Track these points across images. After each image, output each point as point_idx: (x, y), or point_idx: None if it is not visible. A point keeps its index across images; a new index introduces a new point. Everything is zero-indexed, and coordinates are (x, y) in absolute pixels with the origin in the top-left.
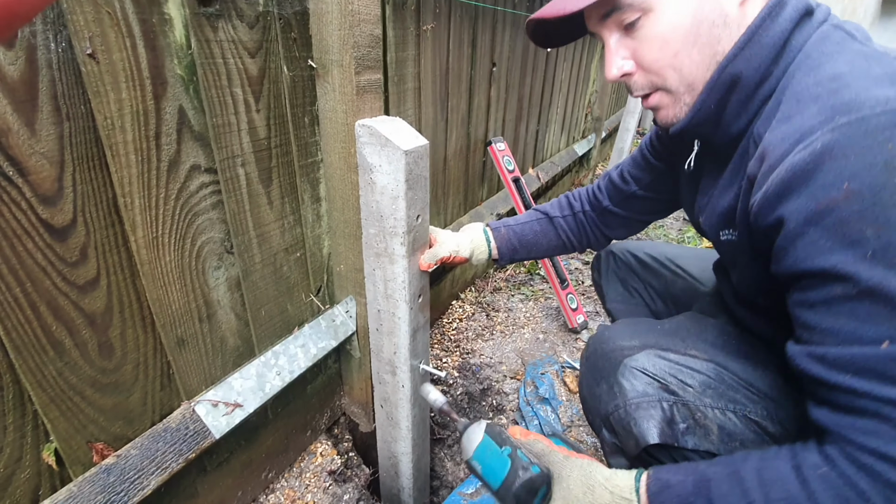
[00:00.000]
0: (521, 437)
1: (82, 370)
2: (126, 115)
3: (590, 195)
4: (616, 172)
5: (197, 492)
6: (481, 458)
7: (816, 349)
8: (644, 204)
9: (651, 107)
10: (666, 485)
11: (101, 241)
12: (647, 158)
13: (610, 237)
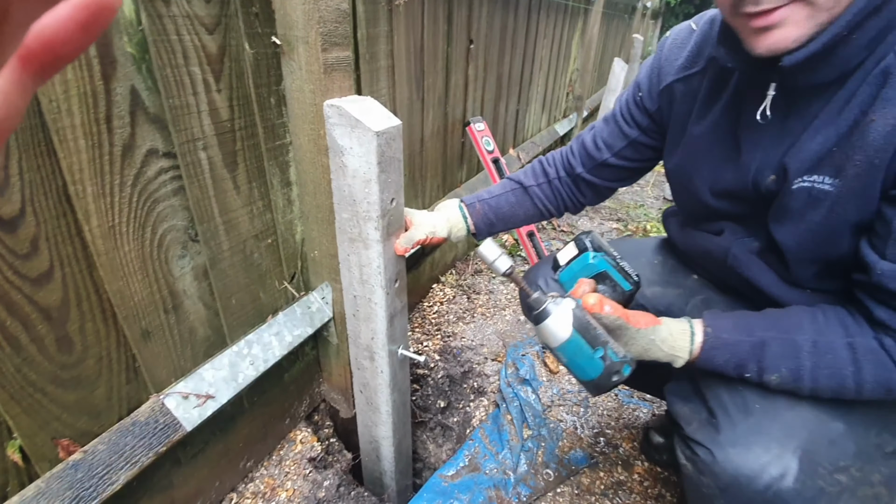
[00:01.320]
0: (599, 310)
1: (41, 366)
2: (73, 97)
3: (564, 160)
4: (589, 137)
5: (172, 484)
6: (569, 355)
7: None
8: (615, 171)
9: (769, 24)
10: (723, 343)
11: (52, 231)
12: (619, 126)
13: (583, 203)
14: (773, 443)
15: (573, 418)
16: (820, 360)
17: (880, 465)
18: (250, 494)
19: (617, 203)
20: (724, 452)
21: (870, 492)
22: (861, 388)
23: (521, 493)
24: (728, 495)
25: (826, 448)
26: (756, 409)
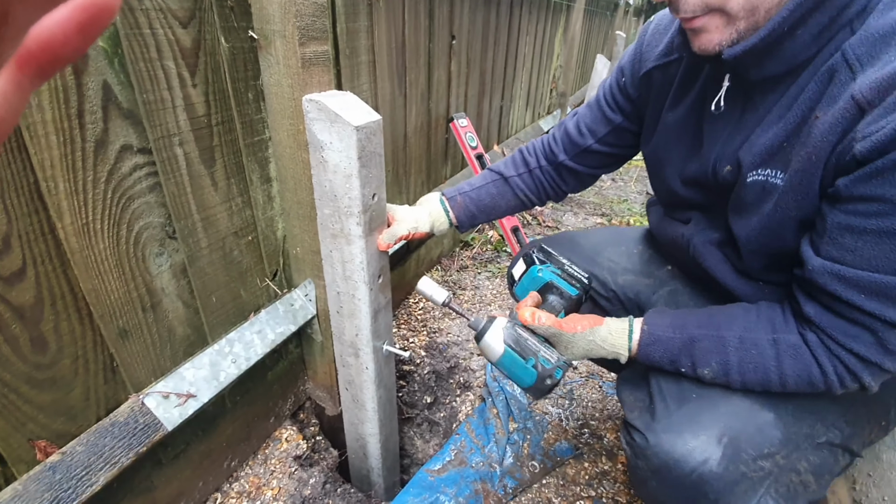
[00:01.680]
0: (533, 322)
1: (15, 366)
2: (43, 92)
3: (545, 148)
4: (572, 124)
5: (153, 485)
6: (507, 367)
7: (844, 270)
8: (599, 158)
9: (694, 28)
10: (657, 340)
11: (24, 228)
12: (603, 111)
13: (566, 191)
14: (701, 430)
15: (558, 411)
16: (745, 356)
17: (809, 455)
18: (235, 494)
19: (601, 198)
20: (657, 438)
21: (796, 479)
22: (784, 382)
23: (508, 485)
24: (659, 478)
25: (752, 436)
26: (692, 399)
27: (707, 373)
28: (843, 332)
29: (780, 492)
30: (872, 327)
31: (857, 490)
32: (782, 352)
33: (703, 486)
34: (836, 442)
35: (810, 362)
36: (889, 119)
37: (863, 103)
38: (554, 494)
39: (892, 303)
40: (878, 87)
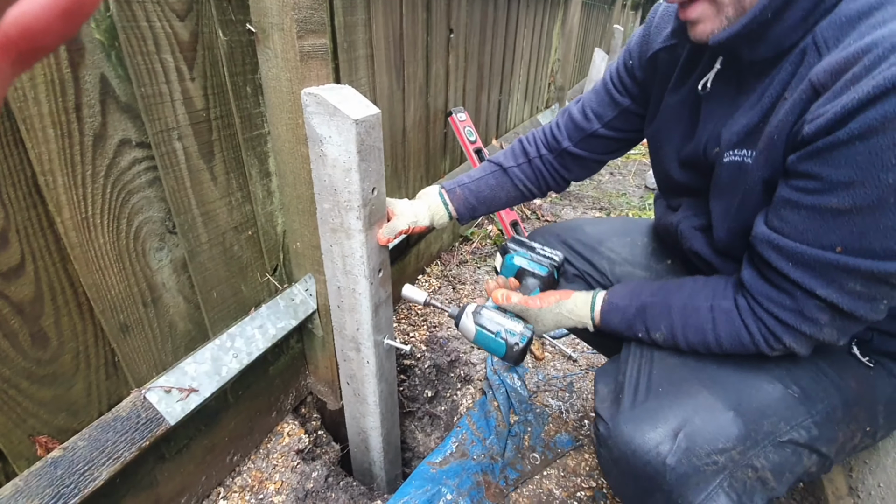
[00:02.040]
0: (504, 302)
1: (15, 362)
2: (39, 84)
3: (547, 136)
4: (577, 109)
5: (156, 480)
6: (481, 342)
7: (780, 240)
8: (605, 143)
9: (689, 18)
10: (615, 307)
11: (22, 223)
12: (611, 94)
13: (569, 180)
14: (660, 422)
15: (558, 403)
16: (687, 320)
17: (769, 452)
18: (238, 488)
19: (599, 192)
20: (618, 428)
21: (753, 475)
22: (720, 344)
23: (509, 476)
24: (619, 467)
25: (708, 430)
26: (659, 393)
27: (659, 336)
28: (767, 298)
29: (734, 486)
30: (793, 294)
31: (853, 477)
32: (717, 317)
33: (656, 477)
34: (800, 441)
35: (739, 326)
36: (835, 103)
37: (818, 86)
38: (555, 485)
39: (814, 274)
40: (832, 71)
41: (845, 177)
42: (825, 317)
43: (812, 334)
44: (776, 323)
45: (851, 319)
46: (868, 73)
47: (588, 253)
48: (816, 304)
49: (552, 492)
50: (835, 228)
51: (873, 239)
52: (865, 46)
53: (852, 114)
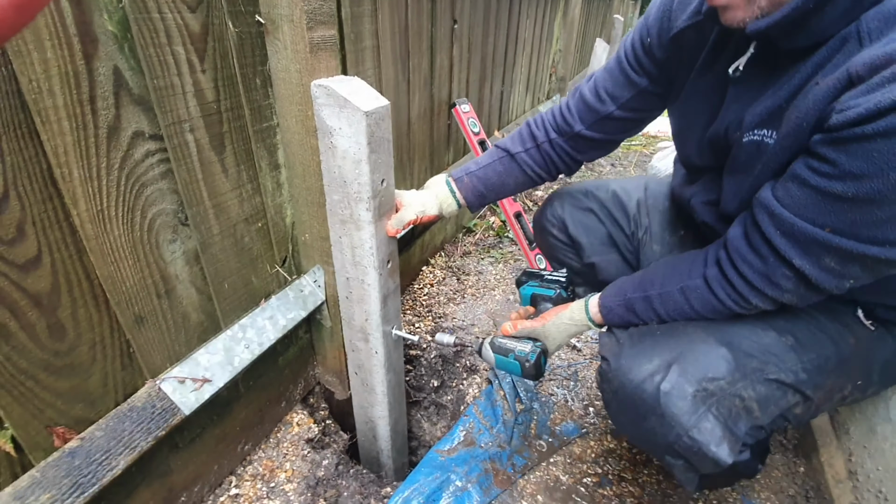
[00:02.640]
0: (512, 329)
1: (32, 353)
2: (54, 76)
3: (557, 119)
4: (589, 90)
5: (170, 469)
6: (501, 366)
7: (778, 208)
8: (620, 124)
9: (717, 4)
10: (609, 309)
11: (39, 215)
12: (627, 74)
13: (581, 161)
14: (655, 356)
15: (564, 392)
16: (667, 306)
17: (756, 385)
18: (249, 477)
19: None
20: (618, 362)
21: (739, 403)
22: (701, 316)
23: (516, 464)
24: (618, 398)
25: (700, 362)
26: (656, 334)
27: (655, 322)
28: (742, 258)
29: (721, 412)
30: (767, 259)
31: (852, 461)
32: (689, 295)
33: (651, 402)
34: (786, 381)
35: (709, 296)
36: (868, 97)
37: (854, 77)
38: (561, 472)
39: (797, 245)
40: (871, 65)
41: (858, 169)
42: (789, 284)
43: (774, 297)
44: (744, 284)
45: (815, 290)
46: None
47: (618, 211)
48: (785, 272)
49: (559, 478)
50: (831, 212)
51: (862, 227)
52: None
53: (883, 113)
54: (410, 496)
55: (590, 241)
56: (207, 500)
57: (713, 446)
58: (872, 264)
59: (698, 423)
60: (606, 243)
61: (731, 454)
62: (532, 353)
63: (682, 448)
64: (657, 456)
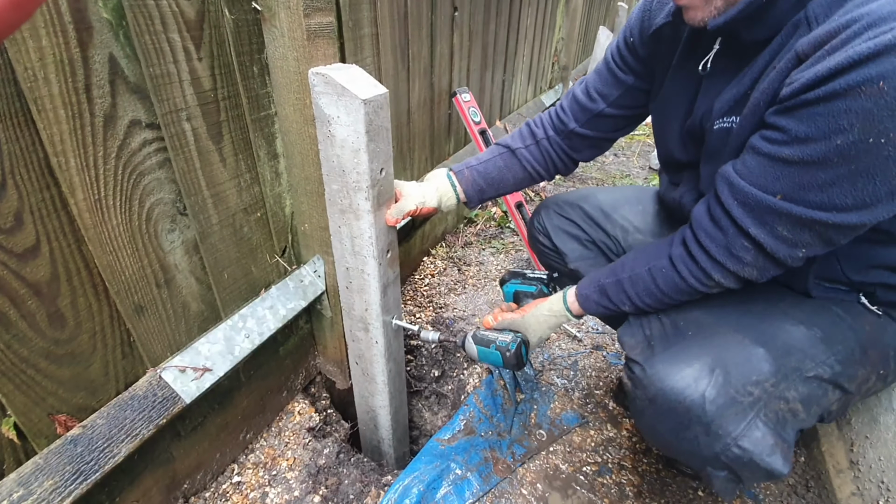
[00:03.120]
0: (494, 321)
1: (33, 342)
2: (49, 64)
3: (553, 119)
4: (581, 90)
5: (173, 456)
6: (483, 358)
7: (735, 178)
8: (612, 122)
9: (680, 4)
10: (585, 297)
11: (36, 204)
12: (614, 73)
13: (577, 160)
14: (694, 360)
15: (563, 381)
16: (636, 288)
17: (798, 385)
18: (251, 465)
19: (603, 173)
20: (654, 368)
21: (784, 406)
22: (668, 294)
23: (516, 452)
24: (654, 406)
25: (742, 365)
26: (688, 336)
27: (628, 308)
28: (705, 232)
29: (769, 417)
30: (727, 232)
31: (853, 451)
32: (655, 275)
33: (695, 410)
34: (824, 377)
35: (673, 275)
36: (811, 69)
37: (801, 55)
38: (561, 461)
39: (752, 214)
40: (814, 42)
41: (804, 133)
42: (749, 256)
43: (736, 271)
44: (706, 258)
45: (772, 261)
46: (843, 45)
47: (602, 220)
48: (744, 243)
49: (559, 467)
50: (781, 177)
51: (809, 191)
52: (847, 21)
53: (823, 80)
54: (411, 484)
55: (571, 248)
56: (210, 487)
57: (766, 456)
58: (821, 230)
59: (748, 431)
60: (589, 249)
61: (785, 464)
62: (513, 342)
63: (729, 458)
64: (696, 467)
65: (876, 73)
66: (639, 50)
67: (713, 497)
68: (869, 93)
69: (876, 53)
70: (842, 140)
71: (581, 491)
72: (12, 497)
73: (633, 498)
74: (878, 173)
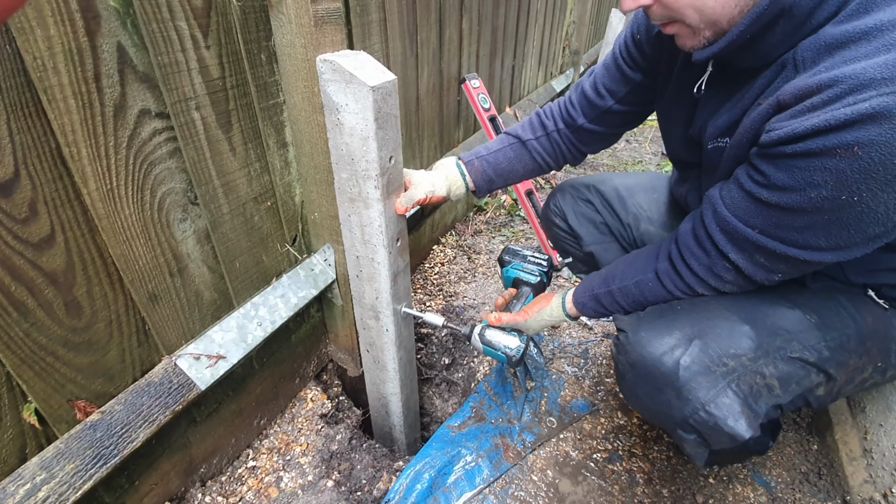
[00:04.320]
0: (497, 322)
1: (51, 330)
2: (57, 54)
3: (562, 111)
4: (589, 85)
5: (189, 442)
6: (489, 355)
7: (720, 206)
8: (620, 117)
9: (668, 33)
10: (582, 304)
11: (50, 195)
12: (622, 69)
13: (585, 153)
14: (676, 330)
15: (574, 369)
16: (627, 298)
17: (778, 363)
18: (266, 450)
19: (615, 160)
20: (637, 335)
21: (760, 381)
22: (655, 302)
23: (526, 439)
24: (634, 370)
25: (722, 339)
26: (678, 310)
27: (622, 313)
28: (689, 251)
29: (741, 388)
30: (710, 253)
31: (867, 439)
32: (643, 288)
33: (669, 375)
34: (809, 360)
35: (660, 289)
36: (792, 122)
37: (783, 103)
38: (571, 448)
39: (732, 241)
40: (796, 94)
41: (782, 182)
42: (730, 276)
43: (717, 287)
44: (690, 274)
45: (750, 282)
46: (824, 106)
47: (617, 205)
48: (725, 265)
49: (569, 454)
50: (759, 215)
51: (785, 230)
52: (830, 80)
53: (801, 138)
54: (422, 469)
55: (588, 231)
56: (226, 471)
57: (731, 421)
58: (797, 263)
59: (717, 397)
60: (604, 233)
61: (748, 429)
62: (518, 349)
63: (697, 422)
64: (668, 429)
65: (853, 139)
66: (645, 47)
67: (724, 483)
68: (844, 155)
69: (854, 121)
70: (816, 194)
71: (591, 478)
72: (35, 480)
73: (643, 485)
74: (851, 224)
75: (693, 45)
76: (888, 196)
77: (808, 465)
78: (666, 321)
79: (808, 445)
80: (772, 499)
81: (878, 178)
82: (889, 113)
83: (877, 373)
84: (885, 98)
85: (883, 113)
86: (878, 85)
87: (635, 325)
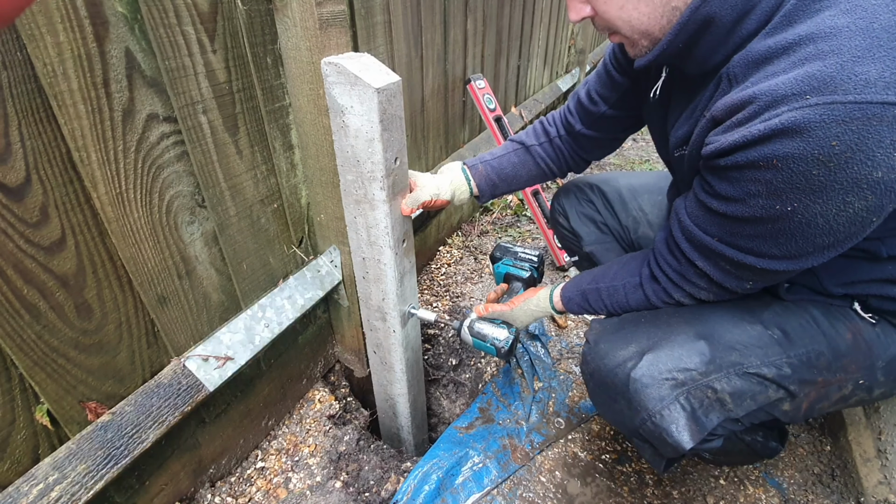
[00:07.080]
0: (485, 312)
1: (62, 332)
2: (67, 60)
3: (563, 118)
4: (584, 92)
5: (198, 443)
6: (478, 347)
7: (683, 216)
8: (616, 122)
9: (614, 42)
10: (569, 298)
11: (61, 199)
12: (611, 74)
13: (588, 160)
14: (632, 343)
15: None
16: (612, 299)
17: (732, 379)
18: (274, 451)
19: (622, 159)
20: (597, 347)
21: (712, 395)
22: (637, 308)
23: (534, 440)
24: (594, 379)
25: (675, 353)
26: (640, 322)
27: (604, 314)
28: (664, 259)
29: (690, 401)
30: (680, 260)
31: (881, 440)
32: (627, 291)
33: (621, 386)
34: (767, 376)
35: (640, 294)
36: (722, 137)
37: (716, 118)
38: (580, 448)
39: (697, 249)
40: (725, 109)
41: (724, 192)
42: (702, 283)
43: (692, 293)
44: (667, 281)
45: (723, 289)
46: (744, 123)
47: (618, 207)
48: (695, 271)
49: (577, 455)
50: (715, 224)
51: (739, 239)
52: (750, 96)
53: (729, 152)
54: (430, 470)
55: (588, 231)
56: (235, 472)
57: (674, 431)
58: (758, 272)
59: (663, 409)
60: (605, 234)
61: (690, 441)
62: (507, 340)
63: (646, 432)
64: (628, 437)
65: (770, 152)
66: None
67: (735, 485)
68: (767, 167)
69: (768, 136)
70: (754, 203)
71: (600, 479)
72: (48, 480)
73: (652, 486)
74: (797, 234)
75: (635, 53)
76: (821, 207)
77: (822, 466)
78: (624, 334)
79: (821, 446)
80: (784, 500)
81: (803, 188)
82: (798, 127)
83: (860, 390)
84: (795, 113)
85: (792, 128)
86: (790, 101)
87: (597, 336)
